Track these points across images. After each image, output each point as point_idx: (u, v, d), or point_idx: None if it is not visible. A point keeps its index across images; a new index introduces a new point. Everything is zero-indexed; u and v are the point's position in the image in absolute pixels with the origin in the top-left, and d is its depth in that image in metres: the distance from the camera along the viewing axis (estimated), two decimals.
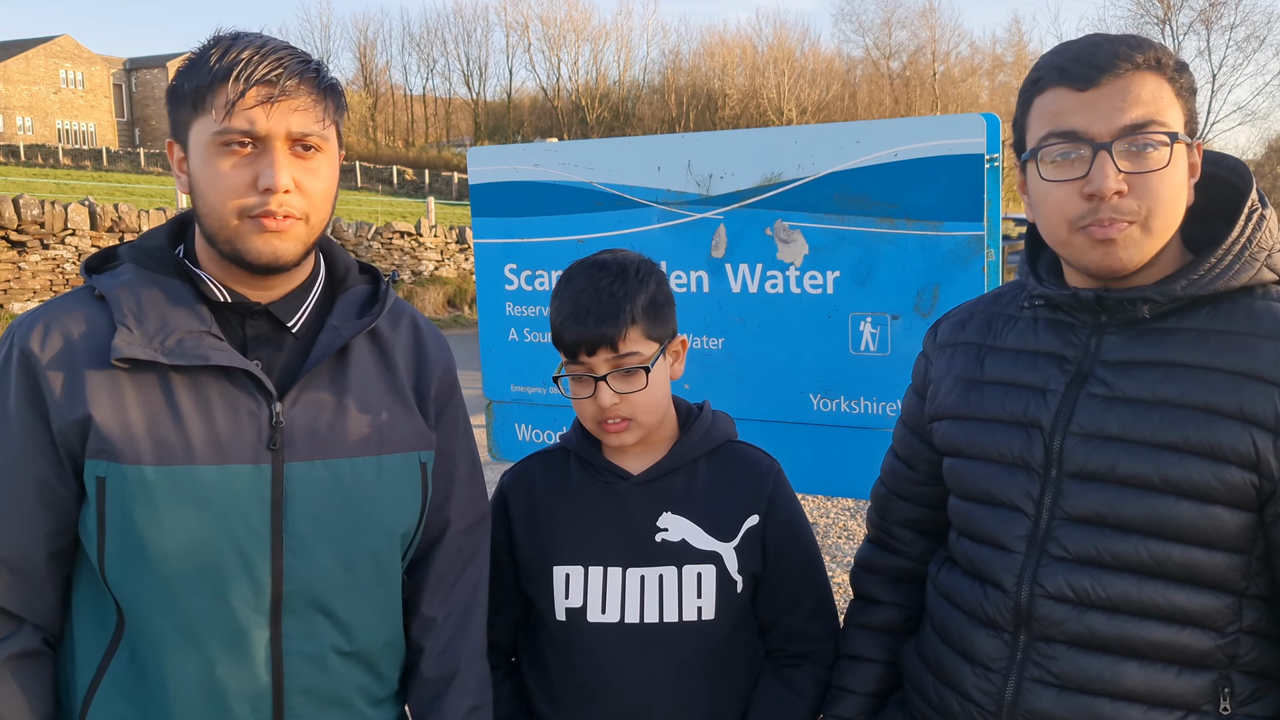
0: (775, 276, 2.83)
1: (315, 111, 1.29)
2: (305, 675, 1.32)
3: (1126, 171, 1.20)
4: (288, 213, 1.27)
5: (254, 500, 1.28)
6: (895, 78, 66.48)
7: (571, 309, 1.50)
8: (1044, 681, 1.27)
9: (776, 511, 1.60)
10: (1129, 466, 1.22)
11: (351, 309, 1.42)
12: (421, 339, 1.50)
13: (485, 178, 3.23)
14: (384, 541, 1.39)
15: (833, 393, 2.79)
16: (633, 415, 1.50)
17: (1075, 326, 1.32)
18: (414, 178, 50.39)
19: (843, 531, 5.50)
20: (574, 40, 71.26)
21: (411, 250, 19.25)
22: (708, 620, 1.52)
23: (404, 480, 1.41)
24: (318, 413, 1.34)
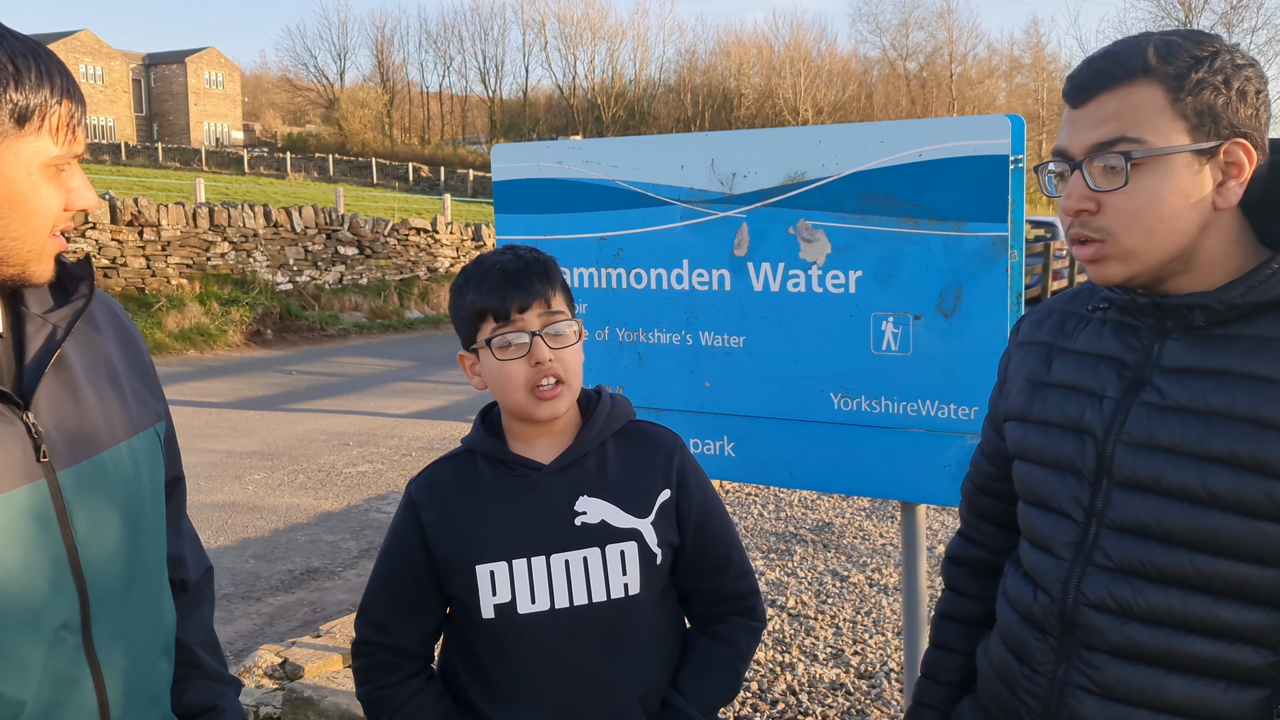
0: (797, 275, 2.83)
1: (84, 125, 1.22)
2: (123, 686, 1.27)
3: (1098, 190, 1.20)
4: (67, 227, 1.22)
5: (41, 521, 1.18)
6: (912, 79, 66.26)
7: (501, 275, 1.53)
8: (1086, 689, 1.26)
9: (687, 483, 1.64)
10: (1175, 477, 1.18)
11: (42, 292, 1.28)
12: (117, 314, 1.43)
13: (509, 174, 3.24)
14: (156, 524, 1.36)
15: (854, 392, 2.79)
16: (565, 376, 1.53)
17: (1139, 330, 1.28)
18: (430, 175, 50.48)
19: (858, 532, 5.50)
20: (590, 38, 71.31)
21: (427, 247, 19.29)
22: (635, 595, 1.56)
23: (152, 458, 1.36)
24: (63, 412, 1.24)
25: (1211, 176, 1.19)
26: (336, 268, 17.35)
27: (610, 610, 1.55)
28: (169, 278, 14.78)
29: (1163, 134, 1.18)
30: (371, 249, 18.05)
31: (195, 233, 15.24)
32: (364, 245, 17.92)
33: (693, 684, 1.62)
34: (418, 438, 8.53)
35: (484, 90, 74.04)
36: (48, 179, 1.16)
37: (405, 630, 1.62)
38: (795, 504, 6.06)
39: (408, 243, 18.87)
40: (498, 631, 1.55)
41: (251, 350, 14.23)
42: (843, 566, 4.93)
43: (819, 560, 5.04)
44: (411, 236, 18.97)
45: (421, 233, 19.20)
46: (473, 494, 1.59)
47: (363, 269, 17.82)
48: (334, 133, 64.24)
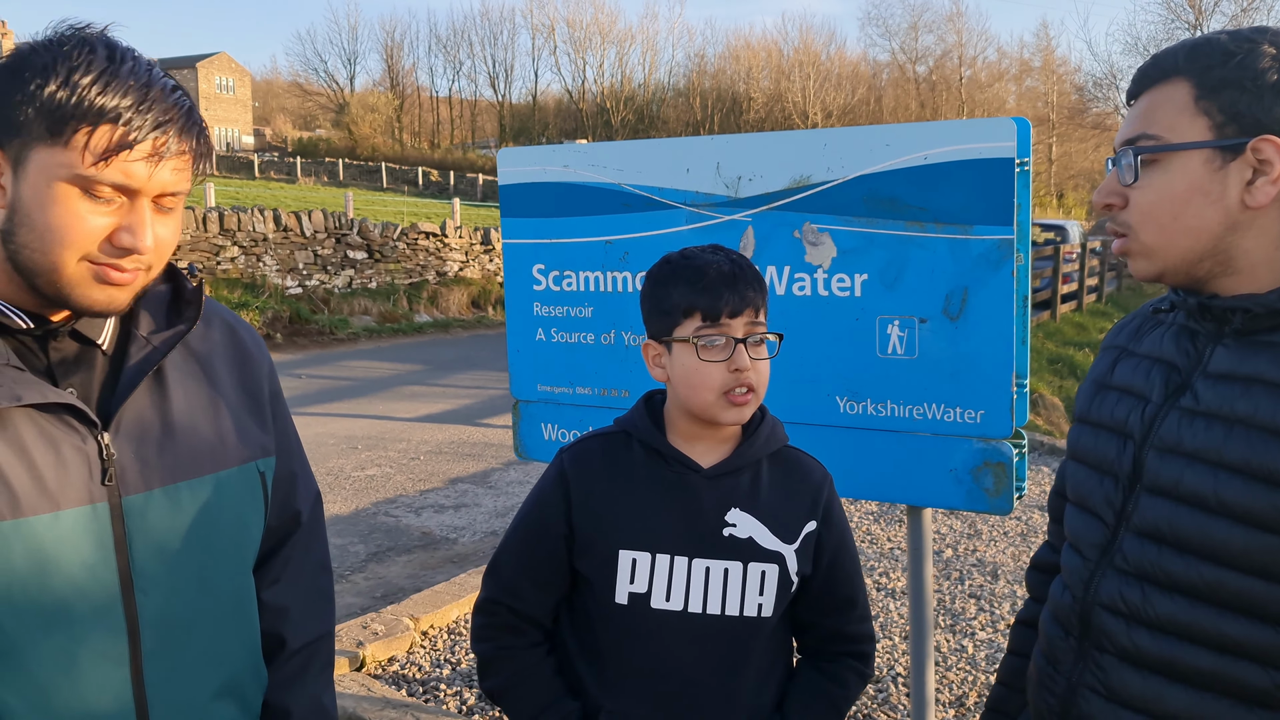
0: (803, 279, 2.83)
1: (190, 169, 1.17)
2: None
3: (1125, 185, 1.22)
4: (137, 267, 1.16)
5: (95, 545, 1.16)
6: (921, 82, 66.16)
7: (717, 275, 1.52)
8: (1095, 690, 1.25)
9: (832, 520, 1.64)
10: (1190, 484, 1.17)
11: (158, 314, 1.29)
12: (239, 339, 1.39)
13: (515, 178, 3.24)
14: (235, 563, 1.31)
15: (859, 396, 2.79)
16: (757, 386, 1.53)
17: (1198, 335, 1.26)
18: (439, 179, 50.58)
19: (865, 536, 5.49)
20: (600, 43, 71.39)
21: (436, 251, 19.32)
22: (765, 617, 1.56)
23: (245, 494, 1.32)
24: (145, 437, 1.21)
25: (1238, 175, 1.16)
26: (346, 272, 17.39)
27: (738, 626, 1.55)
28: None
29: (1180, 131, 1.17)
30: (381, 253, 18.09)
31: (205, 237, 15.29)
32: (373, 249, 17.96)
33: (799, 716, 1.61)
34: (426, 441, 8.54)
35: (493, 94, 74.25)
36: (73, 199, 1.10)
37: (535, 596, 1.62)
38: None
39: (417, 247, 18.91)
40: (627, 620, 1.55)
41: None
42: None
43: None
44: (421, 241, 19.01)
45: (431, 237, 19.24)
46: (626, 478, 1.58)
47: (372, 273, 17.86)
48: (344, 137, 64.40)
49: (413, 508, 6.54)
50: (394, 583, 5.15)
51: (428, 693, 3.60)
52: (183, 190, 1.18)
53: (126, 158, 1.10)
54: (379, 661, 3.82)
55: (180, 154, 1.15)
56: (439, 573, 5.28)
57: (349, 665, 3.70)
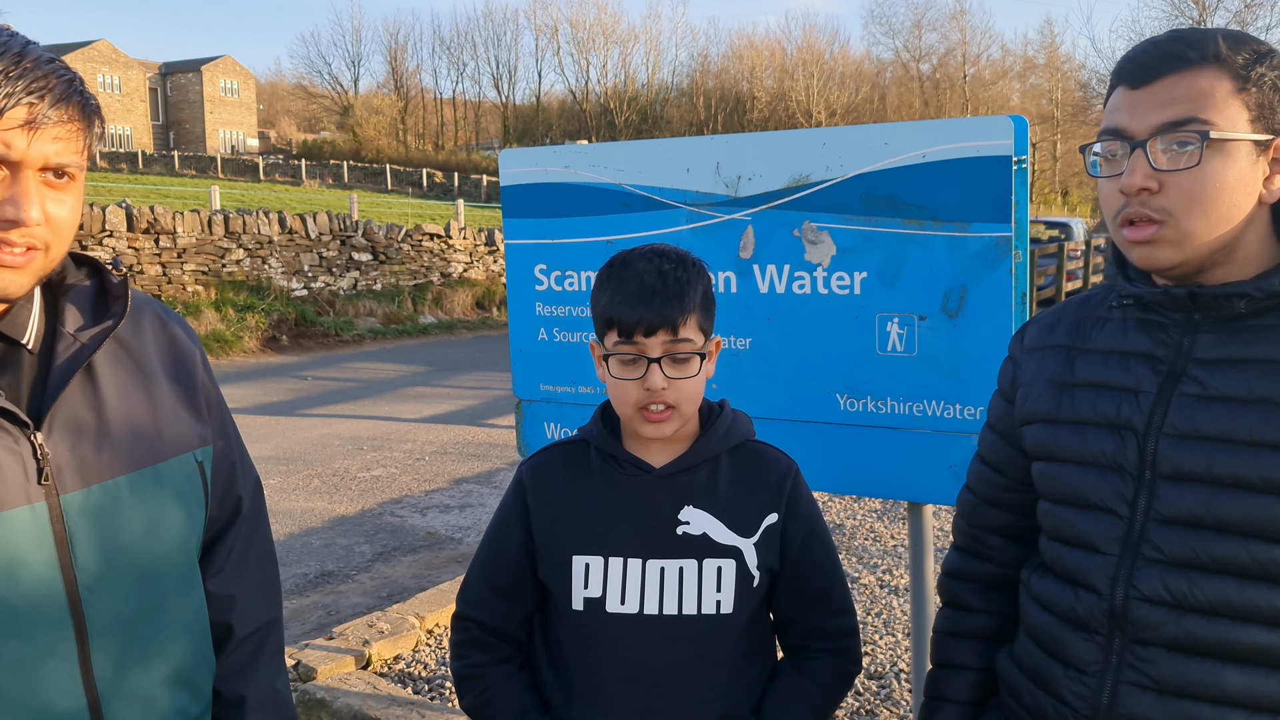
0: (803, 277, 2.84)
1: (77, 141, 1.15)
2: (126, 716, 1.24)
3: (1161, 170, 1.20)
4: (30, 244, 1.13)
5: (36, 545, 1.15)
6: (925, 80, 66.12)
7: (636, 289, 1.49)
8: (1141, 685, 1.25)
9: (796, 510, 1.60)
10: (1226, 466, 1.19)
11: (84, 310, 1.27)
12: (171, 332, 1.38)
13: (516, 179, 3.26)
14: (180, 553, 1.32)
15: (859, 393, 2.81)
16: (677, 403, 1.50)
17: (1167, 326, 1.29)
18: (443, 180, 50.62)
19: (869, 534, 5.50)
20: (603, 43, 71.45)
21: (441, 252, 19.36)
22: (725, 614, 1.53)
23: (185, 485, 1.32)
24: (80, 434, 1.21)
25: (1261, 169, 1.21)
26: (351, 274, 17.43)
27: (699, 625, 1.53)
28: (185, 285, 14.88)
29: (1231, 120, 1.18)
30: (385, 255, 18.13)
31: (211, 240, 15.35)
32: (378, 251, 18.00)
33: (775, 718, 1.59)
34: (431, 442, 8.57)
35: (497, 96, 74.38)
36: None
37: (502, 610, 1.62)
38: None
39: (421, 248, 18.95)
40: (584, 626, 1.54)
41: (267, 356, 14.32)
42: (853, 568, 4.93)
43: None
44: (425, 242, 19.05)
45: (435, 238, 19.28)
46: (580, 484, 1.58)
47: (377, 275, 17.90)
48: (348, 139, 64.54)
49: (418, 508, 6.57)
50: (399, 582, 5.18)
51: (433, 690, 3.62)
52: (70, 164, 1.15)
53: (3, 124, 1.08)
54: (385, 660, 3.84)
55: (61, 123, 1.12)
56: (444, 572, 5.30)
57: (355, 663, 3.72)
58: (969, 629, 1.56)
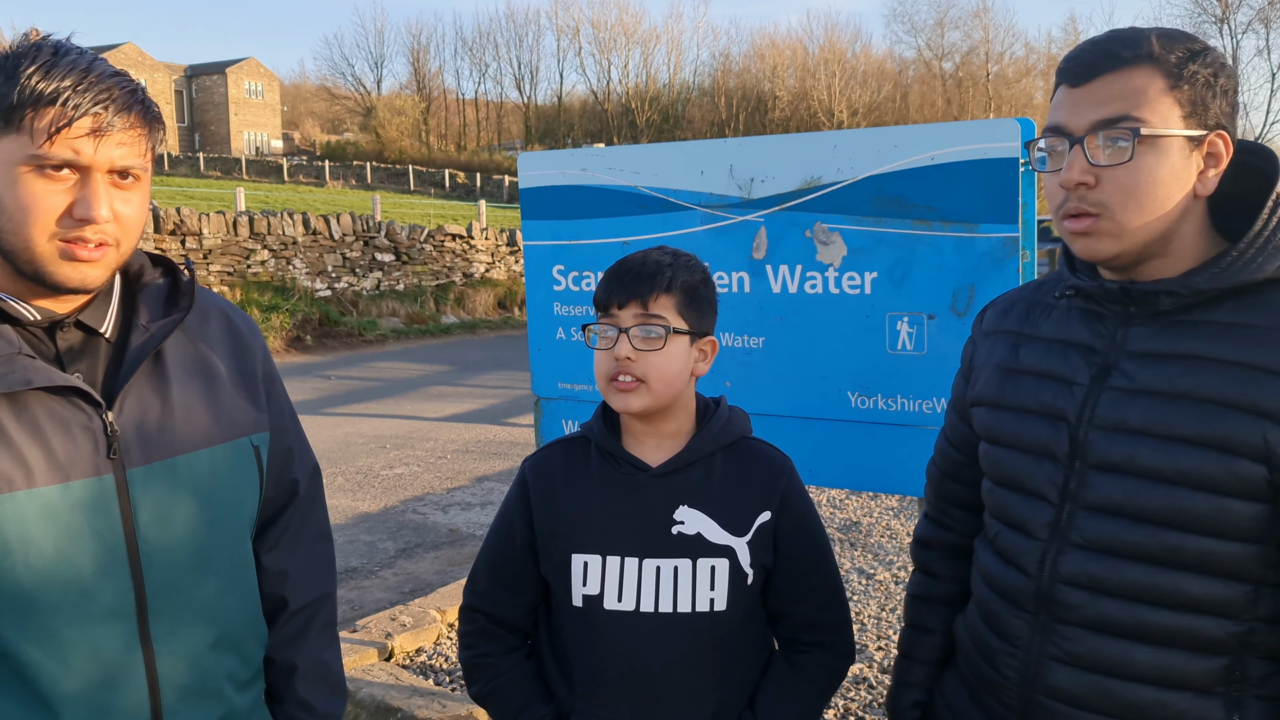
0: (814, 277, 2.90)
1: (140, 145, 1.28)
2: (177, 674, 1.34)
3: (1097, 165, 1.25)
4: (101, 240, 1.25)
5: (101, 512, 1.27)
6: (948, 79, 65.80)
7: (617, 269, 1.60)
8: (1061, 660, 1.33)
9: (790, 507, 1.65)
10: (1146, 459, 1.24)
11: (155, 305, 1.41)
12: (234, 327, 1.51)
13: (534, 182, 3.34)
14: (231, 528, 1.43)
15: (870, 391, 2.86)
16: (645, 376, 1.55)
17: (1105, 317, 1.34)
18: (466, 181, 50.90)
19: (885, 531, 5.54)
20: (624, 43, 71.56)
21: (463, 253, 19.49)
22: (720, 611, 1.58)
23: (239, 466, 1.43)
24: (146, 415, 1.33)
25: (1195, 165, 1.26)
26: (374, 274, 17.58)
27: (694, 623, 1.56)
28: (210, 285, 15.07)
29: (1163, 117, 1.24)
30: (408, 255, 18.28)
31: (236, 241, 15.53)
32: (401, 252, 18.15)
33: (768, 711, 1.63)
34: (453, 440, 8.66)
35: (519, 96, 74.59)
36: (30, 179, 1.20)
37: (508, 601, 1.67)
38: (823, 504, 6.11)
39: (444, 249, 19.08)
40: (584, 622, 1.59)
41: (292, 356, 14.48)
42: (869, 564, 4.98)
43: (845, 559, 5.09)
44: (447, 243, 19.18)
45: (457, 239, 19.40)
46: (579, 482, 1.63)
47: (399, 275, 18.05)
48: (371, 140, 64.89)
49: (440, 505, 6.66)
50: (422, 578, 5.26)
51: (453, 681, 3.70)
52: (135, 166, 1.27)
53: (69, 134, 1.20)
54: (407, 652, 3.92)
55: (124, 130, 1.24)
56: (465, 568, 5.38)
57: (378, 655, 3.81)
58: (936, 594, 1.65)
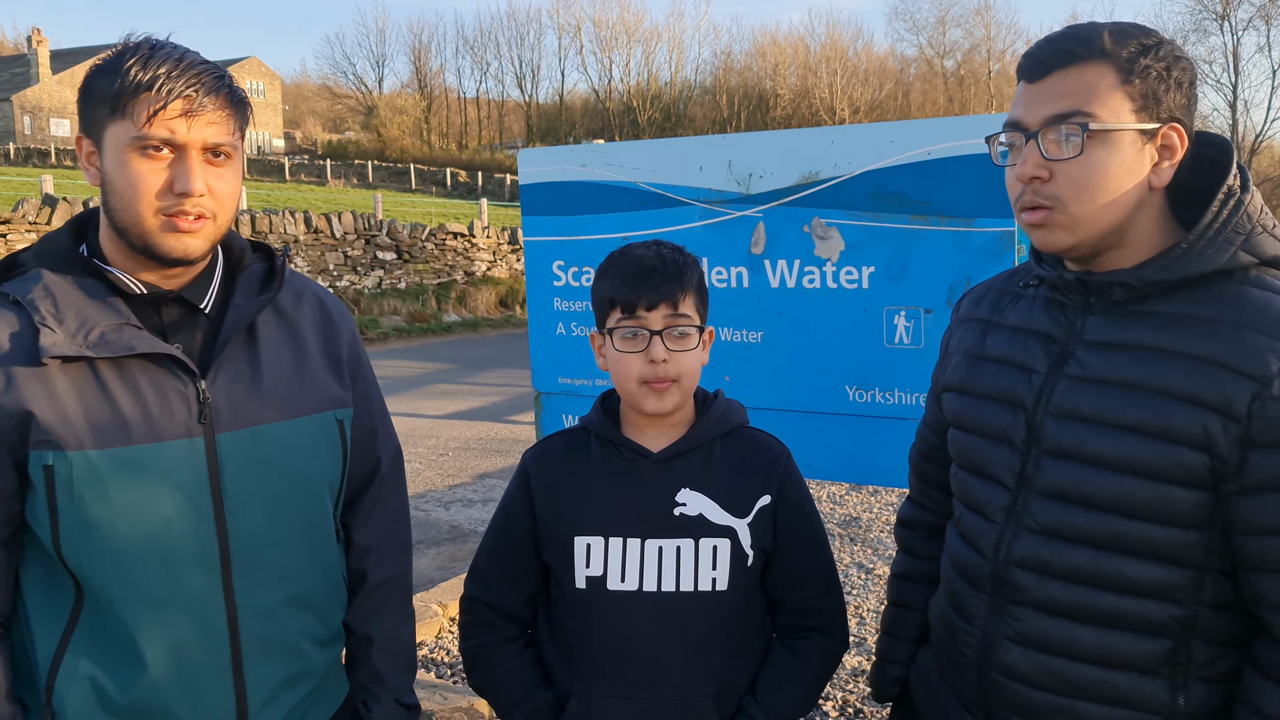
0: (812, 272, 2.92)
1: (228, 125, 1.40)
2: (256, 625, 1.45)
3: (1051, 159, 1.28)
4: (199, 213, 1.38)
5: (191, 471, 1.39)
6: (950, 76, 65.79)
7: (636, 269, 1.58)
8: (1013, 640, 1.37)
9: (788, 493, 1.68)
10: (1093, 446, 1.27)
11: (252, 286, 1.53)
12: (326, 310, 1.63)
13: (534, 178, 3.36)
14: (311, 495, 1.53)
15: (867, 384, 2.88)
16: (679, 376, 1.57)
17: (1067, 307, 1.37)
18: (467, 180, 50.89)
19: (885, 526, 5.56)
20: (626, 42, 71.58)
21: (464, 251, 19.52)
22: (721, 591, 1.60)
23: (322, 438, 1.53)
24: (236, 385, 1.45)
25: (1149, 157, 1.28)
26: (375, 272, 17.62)
27: (696, 602, 1.59)
28: None
29: (1114, 111, 1.27)
30: (410, 254, 18.31)
31: None
32: (402, 250, 18.18)
33: (768, 696, 1.65)
34: (455, 438, 8.69)
35: (520, 95, 74.65)
36: (135, 159, 1.35)
37: (508, 591, 1.69)
38: (823, 500, 6.13)
39: (445, 247, 19.11)
40: (586, 603, 1.61)
41: None
42: (868, 559, 5.00)
43: (845, 554, 5.11)
44: (449, 241, 19.21)
45: (459, 237, 19.43)
46: (581, 469, 1.66)
47: (401, 273, 18.08)
48: (373, 139, 64.95)
49: (442, 502, 6.69)
50: (424, 573, 5.29)
51: (455, 675, 3.72)
52: (225, 144, 1.40)
53: (165, 115, 1.34)
54: None
55: (214, 110, 1.38)
56: (466, 564, 5.40)
57: None
58: (918, 573, 1.69)
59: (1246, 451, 1.20)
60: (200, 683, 1.42)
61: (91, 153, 1.40)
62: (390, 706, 1.66)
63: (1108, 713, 1.31)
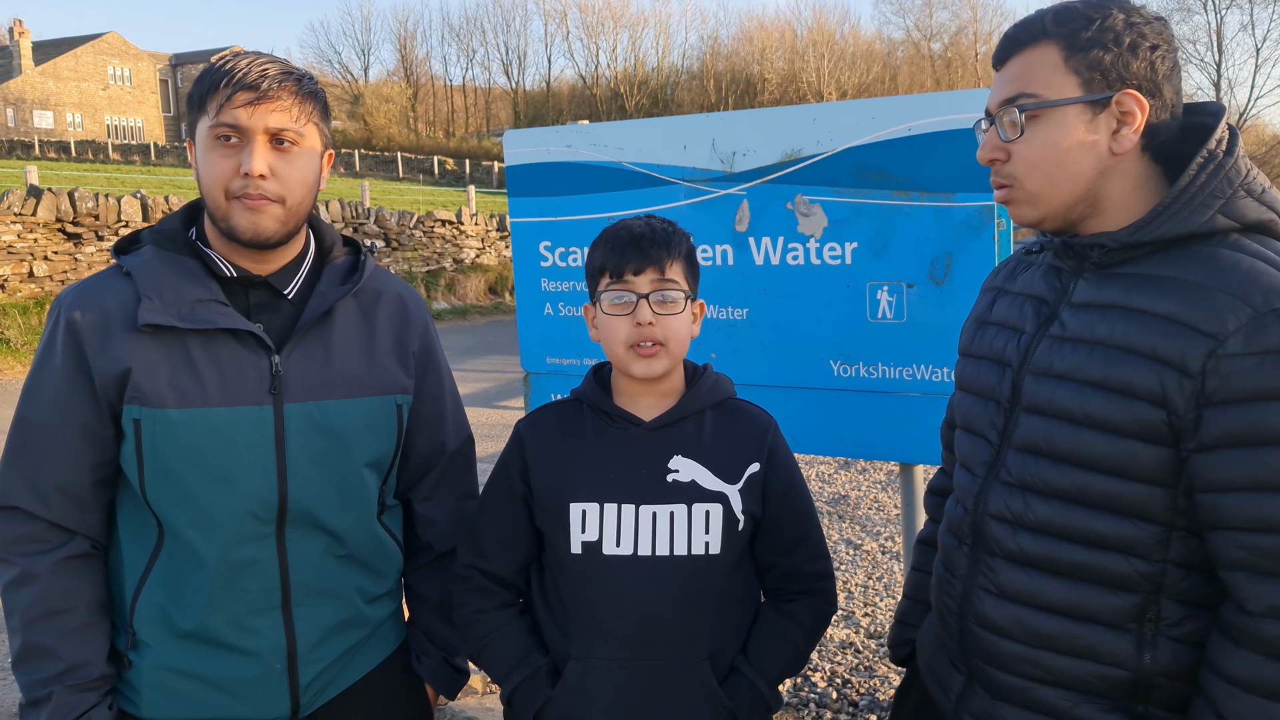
0: (796, 248, 2.95)
1: (292, 112, 1.54)
2: (304, 572, 1.62)
3: (1007, 140, 1.36)
4: (262, 194, 1.52)
5: (259, 434, 1.56)
6: (937, 59, 65.75)
7: (626, 237, 1.65)
8: (988, 590, 1.41)
9: (777, 461, 1.72)
10: (1061, 401, 1.31)
11: (336, 277, 1.69)
12: (404, 305, 1.78)
13: (520, 159, 3.38)
14: (366, 468, 1.67)
15: (852, 359, 2.92)
16: (665, 340, 1.62)
17: (1063, 272, 1.41)
18: (455, 167, 50.71)
19: (873, 503, 5.62)
20: (612, 27, 71.29)
21: (453, 239, 19.49)
22: (714, 555, 1.65)
23: (380, 418, 1.68)
24: (308, 363, 1.60)
25: (1106, 125, 1.32)
26: None
27: (689, 565, 1.63)
28: None
29: (1055, 88, 1.31)
30: (398, 241, 18.28)
31: None
32: (390, 238, 18.15)
33: (760, 655, 1.70)
34: None
35: (507, 82, 74.30)
36: (214, 146, 1.52)
37: (502, 558, 1.73)
38: (812, 478, 6.18)
39: (433, 235, 19.08)
40: (582, 568, 1.65)
41: None
42: (857, 536, 5.05)
43: (834, 530, 5.16)
44: (437, 228, 19.18)
45: (447, 224, 19.40)
46: (575, 437, 1.70)
47: (389, 262, 18.05)
48: (359, 128, 64.63)
49: None
50: None
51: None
52: (289, 130, 1.53)
53: (232, 105, 1.50)
54: None
55: (278, 98, 1.51)
56: None
57: None
58: (931, 537, 1.74)
59: (1202, 409, 1.21)
60: (252, 619, 1.58)
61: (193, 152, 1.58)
62: (440, 664, 1.81)
63: (1074, 665, 1.34)
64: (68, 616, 1.55)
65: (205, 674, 1.59)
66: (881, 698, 3.31)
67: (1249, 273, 1.22)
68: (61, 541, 1.57)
